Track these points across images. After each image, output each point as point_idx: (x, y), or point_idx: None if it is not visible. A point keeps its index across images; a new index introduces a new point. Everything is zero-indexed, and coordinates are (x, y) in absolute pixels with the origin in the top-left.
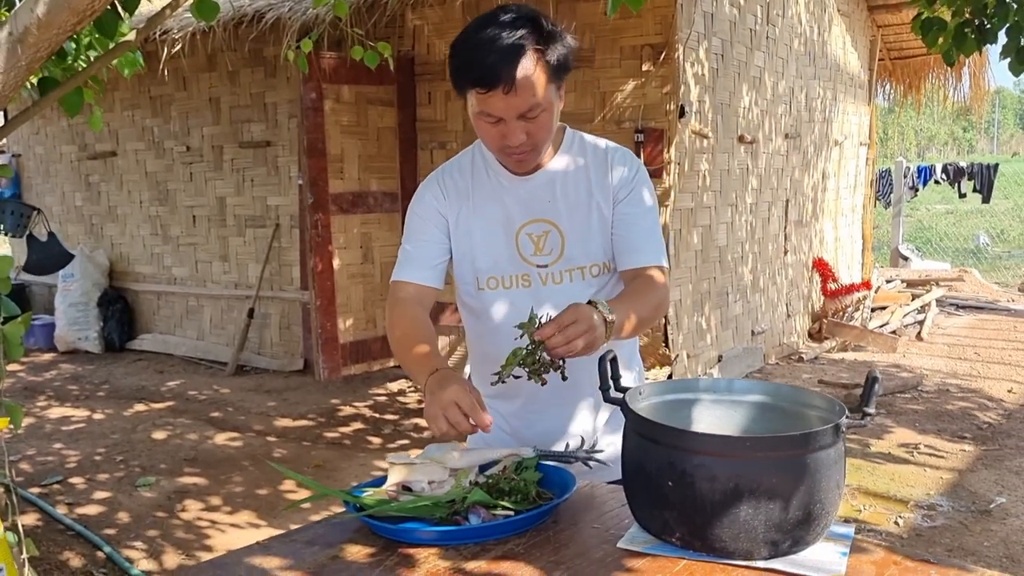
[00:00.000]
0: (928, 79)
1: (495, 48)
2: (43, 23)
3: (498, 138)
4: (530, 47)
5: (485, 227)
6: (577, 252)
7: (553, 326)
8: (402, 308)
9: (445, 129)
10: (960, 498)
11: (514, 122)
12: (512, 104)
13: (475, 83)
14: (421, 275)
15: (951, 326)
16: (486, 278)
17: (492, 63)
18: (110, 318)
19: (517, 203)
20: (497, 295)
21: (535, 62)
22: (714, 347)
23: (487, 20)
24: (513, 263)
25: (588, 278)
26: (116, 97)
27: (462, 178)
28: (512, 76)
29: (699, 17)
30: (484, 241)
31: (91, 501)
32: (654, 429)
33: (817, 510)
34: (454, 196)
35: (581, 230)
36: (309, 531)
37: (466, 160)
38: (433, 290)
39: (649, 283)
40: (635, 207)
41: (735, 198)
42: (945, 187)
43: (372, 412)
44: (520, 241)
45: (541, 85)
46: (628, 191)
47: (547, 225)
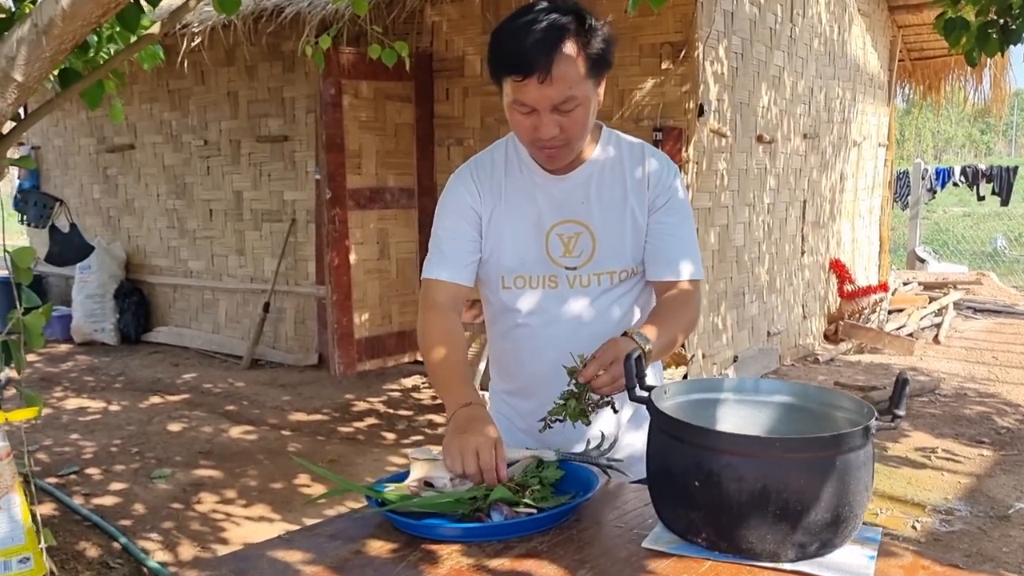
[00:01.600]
0: (948, 80)
1: (533, 35)
2: (68, 15)
3: (530, 130)
4: (570, 37)
5: (515, 225)
6: (607, 256)
7: (596, 365)
8: (436, 316)
9: (462, 126)
10: (978, 503)
11: (548, 114)
12: (546, 94)
13: (510, 69)
14: (455, 273)
15: (968, 329)
16: (513, 277)
17: (529, 49)
18: (126, 310)
19: (549, 202)
20: (523, 294)
21: (574, 53)
22: (730, 347)
23: (527, 9)
24: (541, 263)
25: (616, 282)
26: (135, 90)
27: (495, 173)
28: (549, 64)
29: (719, 16)
30: (513, 239)
31: (107, 492)
32: (681, 428)
33: (846, 512)
34: (488, 192)
35: (614, 234)
36: (331, 525)
37: (499, 154)
38: (467, 289)
39: (684, 302)
40: (672, 216)
41: (753, 198)
42: (962, 189)
43: (386, 408)
44: (550, 241)
45: (578, 77)
46: (666, 198)
47: (579, 227)
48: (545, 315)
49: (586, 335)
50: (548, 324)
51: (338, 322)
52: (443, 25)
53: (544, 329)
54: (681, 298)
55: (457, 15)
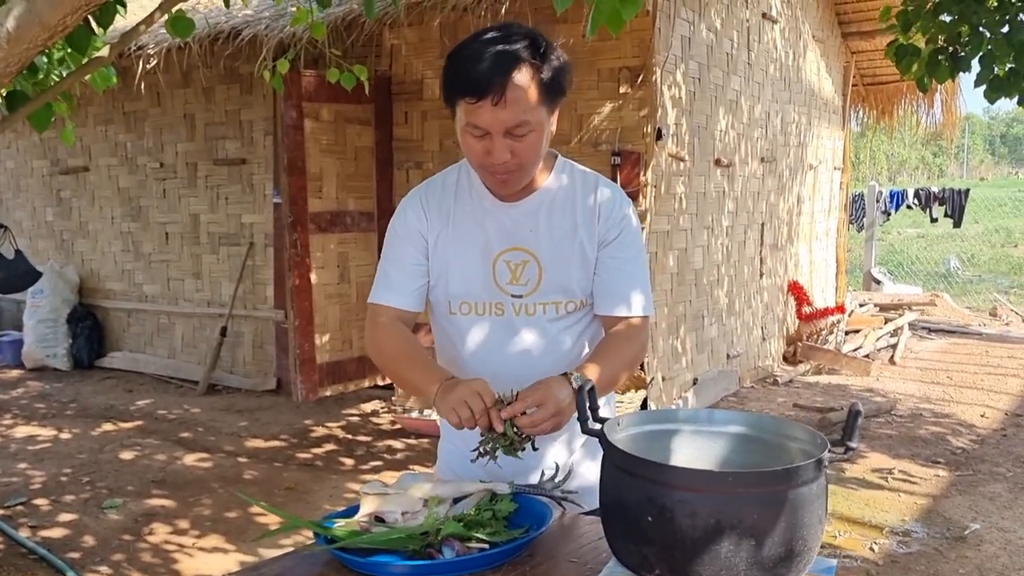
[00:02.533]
0: (900, 105)
1: (488, 57)
2: (13, 37)
3: (482, 154)
4: (525, 60)
5: (462, 250)
6: (554, 286)
7: (520, 405)
8: (384, 329)
9: (421, 149)
10: (934, 524)
11: (500, 138)
12: (500, 117)
13: (464, 92)
14: (400, 300)
15: (923, 350)
16: (459, 303)
17: (484, 71)
18: (79, 335)
19: (498, 229)
20: (470, 321)
21: (529, 77)
22: (689, 370)
23: (483, 32)
24: (488, 290)
25: (562, 312)
26: (89, 112)
27: (445, 197)
28: (503, 86)
29: (676, 41)
30: (460, 265)
31: (56, 523)
32: (633, 463)
33: (799, 546)
34: (435, 216)
35: (561, 265)
36: (277, 564)
37: (451, 179)
38: (413, 314)
39: (629, 338)
40: (624, 251)
41: (711, 221)
42: (916, 212)
43: (345, 433)
44: (497, 268)
45: (532, 102)
46: (617, 232)
47: (526, 255)
48: (491, 343)
49: (534, 364)
50: (495, 352)
51: (300, 347)
52: (402, 48)
53: (491, 357)
54: (627, 334)
55: (415, 38)
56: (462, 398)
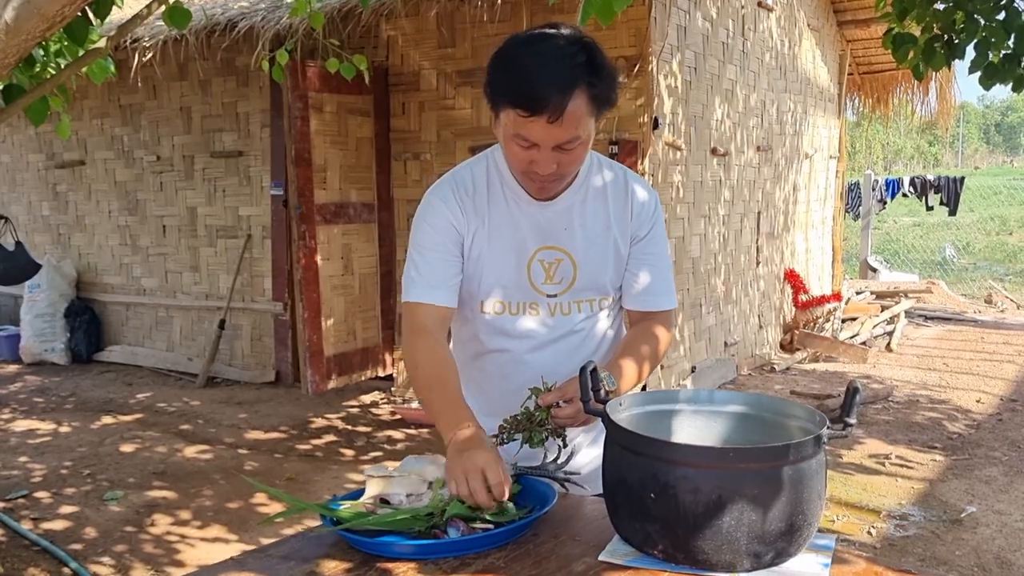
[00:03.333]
0: (896, 93)
1: (549, 75)
2: (11, 29)
3: (526, 162)
4: (584, 81)
5: (498, 250)
6: (588, 284)
7: (557, 394)
8: (426, 341)
9: (419, 140)
10: (931, 508)
11: (548, 151)
12: (552, 134)
13: (518, 105)
14: (440, 296)
15: (920, 337)
16: (492, 302)
17: (544, 91)
18: (77, 329)
19: (533, 228)
20: (502, 320)
21: (586, 95)
22: (687, 358)
23: (540, 38)
24: (522, 290)
25: (596, 310)
26: (85, 105)
27: (478, 194)
28: (562, 108)
29: (672, 30)
30: (494, 264)
31: (57, 516)
32: (636, 440)
33: (799, 521)
34: (472, 213)
35: (595, 262)
36: (284, 546)
37: (480, 172)
38: (452, 311)
39: (655, 334)
40: (653, 247)
41: (708, 210)
42: (911, 200)
43: (345, 424)
44: (532, 268)
45: (585, 119)
46: (648, 228)
47: (560, 253)
48: (525, 341)
49: (565, 362)
50: (528, 350)
51: (309, 339)
52: (398, 39)
53: (524, 355)
54: (655, 331)
55: (412, 29)
56: (465, 472)
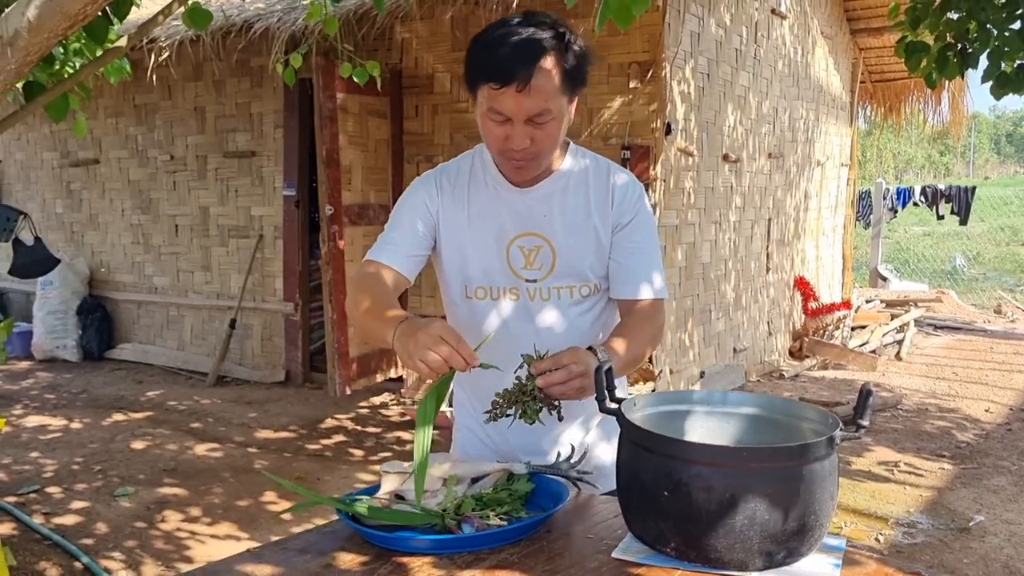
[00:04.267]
0: (908, 102)
1: (515, 43)
2: (34, 27)
3: (501, 139)
4: (550, 49)
5: (477, 236)
6: (567, 270)
7: (550, 362)
8: (363, 279)
9: (432, 142)
10: (939, 516)
11: (521, 125)
12: (523, 105)
13: (489, 77)
14: (395, 261)
15: (929, 346)
16: (475, 287)
17: (511, 57)
18: (89, 327)
19: (512, 215)
20: (487, 305)
21: (552, 66)
22: (696, 364)
23: (509, 19)
24: (503, 275)
25: (577, 296)
26: (100, 104)
27: (459, 181)
28: (529, 74)
29: (686, 36)
30: (475, 250)
31: (68, 511)
32: (650, 439)
33: (811, 521)
34: (449, 198)
35: (575, 249)
36: (301, 539)
37: (465, 164)
38: (403, 279)
39: (649, 318)
40: (637, 234)
41: (719, 216)
42: (922, 209)
43: (354, 424)
44: (511, 253)
45: (554, 91)
46: (631, 216)
47: (539, 240)
48: (508, 327)
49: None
50: (511, 336)
51: (337, 341)
52: (412, 42)
53: (507, 341)
54: (645, 314)
55: (426, 32)
56: (426, 345)
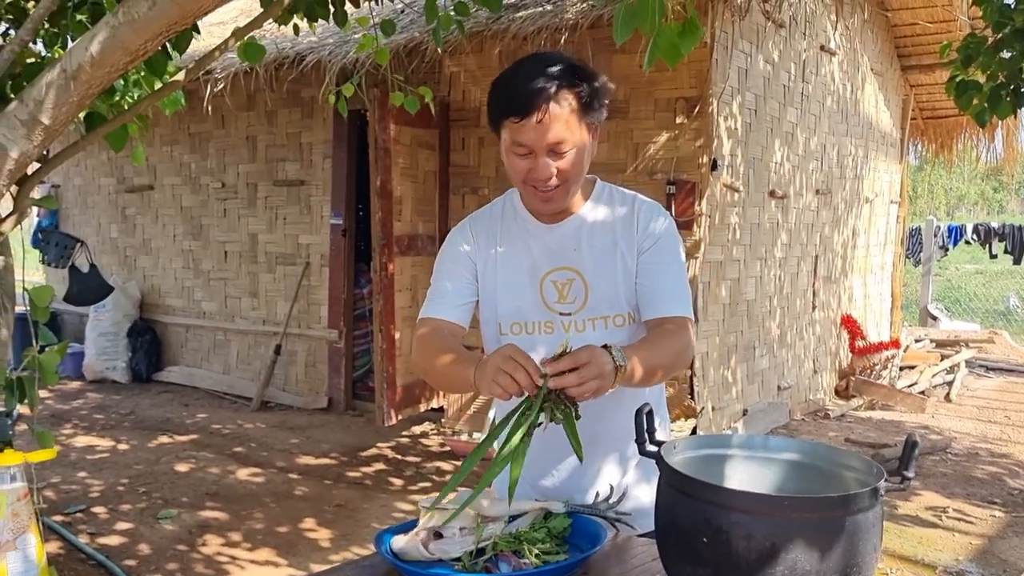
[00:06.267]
0: (960, 139)
1: (531, 78)
2: (97, 61)
3: (525, 171)
4: (565, 81)
5: (510, 272)
6: (601, 301)
7: (569, 361)
8: (427, 336)
9: (478, 175)
10: (990, 565)
11: (543, 156)
12: (543, 135)
13: (508, 111)
14: (448, 312)
15: (981, 388)
16: (509, 323)
17: (527, 90)
18: (139, 349)
19: (543, 250)
20: (522, 341)
21: (569, 98)
22: (739, 400)
23: (527, 58)
24: (537, 310)
25: (612, 327)
26: (156, 133)
27: (491, 222)
28: (546, 103)
29: (733, 72)
30: (508, 286)
31: (113, 531)
32: (690, 484)
33: (854, 573)
34: (483, 240)
35: (605, 280)
36: (339, 572)
37: (496, 209)
38: (460, 327)
39: (670, 334)
40: (660, 257)
41: (764, 252)
42: (974, 247)
43: (395, 453)
44: (544, 288)
45: (573, 121)
46: (654, 240)
47: (571, 273)
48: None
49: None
50: None
51: (386, 371)
52: (460, 75)
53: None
54: (669, 330)
55: (475, 66)
56: (497, 367)
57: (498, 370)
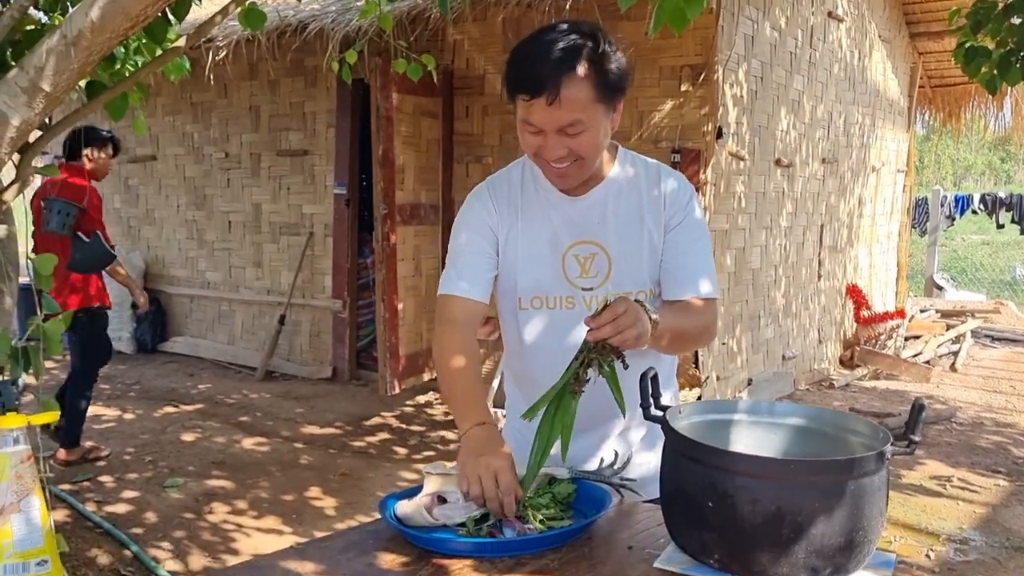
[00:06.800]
0: (968, 107)
1: (546, 57)
2: (97, 27)
3: (535, 147)
4: (582, 61)
5: (531, 246)
6: (624, 277)
7: (608, 313)
8: (453, 331)
9: (482, 143)
10: (994, 533)
11: (554, 136)
12: (553, 117)
13: (520, 90)
14: (472, 289)
15: (986, 358)
16: (529, 297)
17: (540, 71)
18: (143, 320)
19: (565, 222)
20: (541, 315)
21: (585, 77)
22: (744, 370)
23: (546, 29)
24: (558, 284)
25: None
26: (158, 103)
27: (512, 192)
28: (557, 87)
29: (740, 39)
30: (528, 260)
31: (120, 500)
32: (696, 448)
33: (859, 537)
34: (505, 211)
35: (629, 255)
36: (344, 537)
37: (516, 173)
38: (483, 306)
39: (697, 311)
40: (687, 235)
41: (770, 221)
42: (981, 217)
43: (399, 423)
44: (567, 262)
45: (587, 101)
46: (682, 217)
47: (595, 247)
48: (563, 336)
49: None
50: (566, 345)
51: (389, 340)
52: (464, 43)
53: (562, 350)
54: (695, 305)
55: (478, 34)
56: (478, 474)
57: (478, 478)
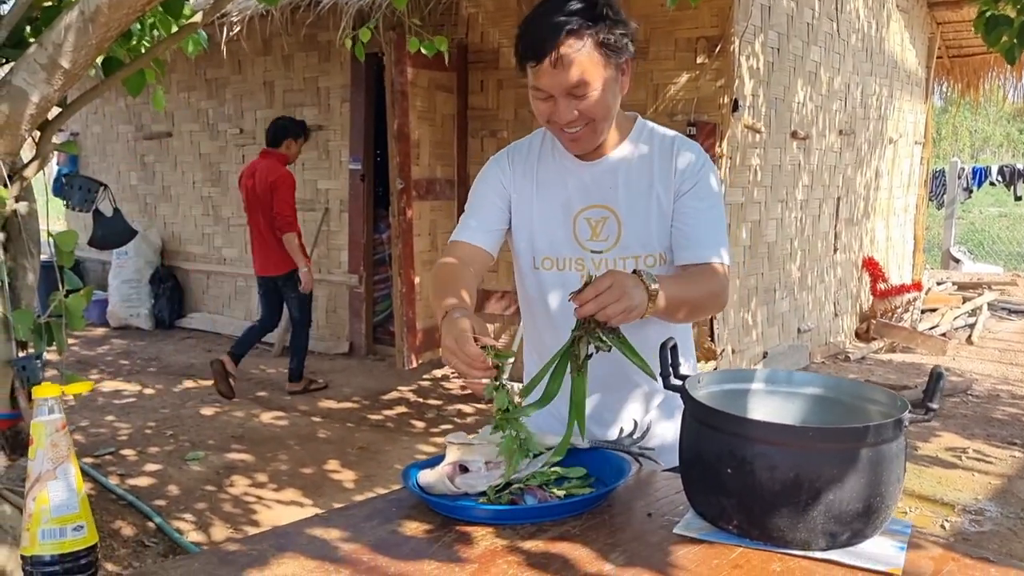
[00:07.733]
0: (987, 78)
1: (546, 19)
2: (114, 3)
3: (547, 114)
4: (582, 22)
5: (545, 208)
6: (633, 240)
7: (591, 290)
8: (447, 261)
9: (497, 117)
10: (1009, 504)
11: (563, 99)
12: (559, 79)
13: (525, 55)
14: (477, 237)
15: (1002, 331)
16: (542, 258)
17: (541, 34)
18: (161, 296)
19: (579, 187)
20: (553, 276)
21: (586, 38)
22: (760, 343)
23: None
24: (569, 246)
25: (642, 267)
26: (173, 79)
27: (529, 157)
28: (557, 48)
29: (756, 10)
30: (543, 222)
31: (142, 473)
32: (715, 416)
33: (877, 503)
34: (520, 172)
35: (639, 219)
36: (367, 506)
37: (536, 141)
38: (486, 254)
39: (704, 273)
40: (698, 200)
41: (786, 194)
42: (999, 189)
43: (416, 397)
44: (578, 225)
45: (591, 63)
46: (692, 183)
47: (605, 211)
48: None
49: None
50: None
51: (406, 314)
52: (479, 17)
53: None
54: (705, 270)
55: (493, 7)
56: (448, 350)
57: (449, 353)
